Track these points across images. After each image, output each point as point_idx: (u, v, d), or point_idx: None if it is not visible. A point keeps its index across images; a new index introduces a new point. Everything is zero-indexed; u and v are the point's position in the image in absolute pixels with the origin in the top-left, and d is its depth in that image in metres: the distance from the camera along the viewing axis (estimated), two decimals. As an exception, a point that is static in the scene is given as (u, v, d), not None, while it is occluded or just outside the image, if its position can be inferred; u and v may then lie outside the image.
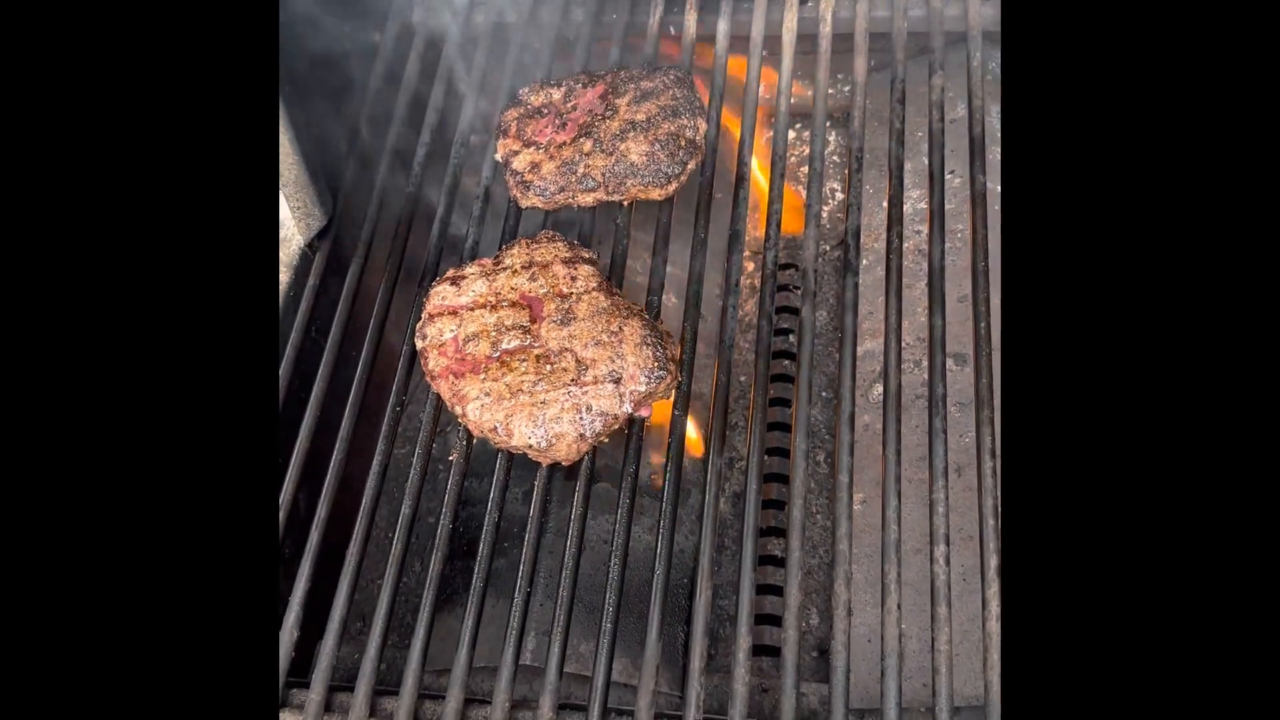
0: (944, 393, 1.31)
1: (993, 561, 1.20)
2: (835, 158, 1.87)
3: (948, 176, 1.57)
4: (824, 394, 1.66)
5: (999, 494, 1.23)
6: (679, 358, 1.34)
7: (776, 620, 1.43)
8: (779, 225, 1.46)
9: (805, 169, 1.85)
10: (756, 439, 1.31)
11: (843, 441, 1.30)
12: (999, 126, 1.64)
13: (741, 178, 1.50)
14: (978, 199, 1.44)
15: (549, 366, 1.30)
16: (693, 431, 1.51)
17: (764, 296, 1.41)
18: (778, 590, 1.43)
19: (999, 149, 1.63)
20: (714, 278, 1.64)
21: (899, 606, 1.19)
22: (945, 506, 1.24)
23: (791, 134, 1.87)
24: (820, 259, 1.69)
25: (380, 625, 1.25)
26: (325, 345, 1.48)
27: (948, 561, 1.21)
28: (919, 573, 1.36)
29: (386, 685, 1.27)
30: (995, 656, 1.15)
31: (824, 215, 1.86)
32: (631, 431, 1.33)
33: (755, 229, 1.74)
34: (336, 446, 1.38)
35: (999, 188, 1.60)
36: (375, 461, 1.37)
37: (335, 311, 1.50)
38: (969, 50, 1.55)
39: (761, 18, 1.62)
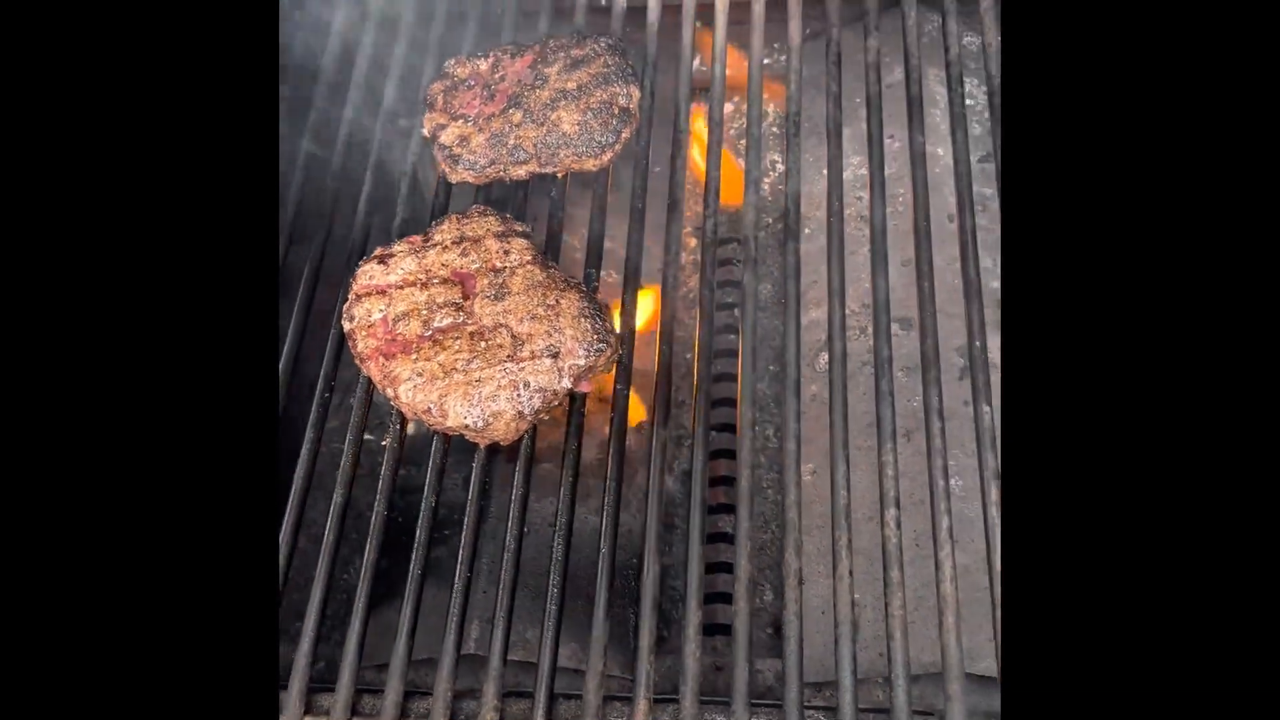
0: (889, 356, 1.28)
1: (944, 523, 1.17)
2: (775, 129, 1.84)
3: (887, 140, 1.54)
4: (771, 368, 1.62)
5: (947, 455, 1.21)
6: (618, 330, 1.30)
7: (729, 599, 1.39)
8: (718, 194, 1.43)
9: (744, 141, 1.82)
10: (702, 412, 1.27)
11: (790, 409, 1.27)
12: (936, 88, 1.63)
13: (678, 146, 1.46)
14: (917, 161, 1.41)
15: (483, 343, 1.24)
16: (636, 407, 1.47)
17: (705, 267, 1.38)
18: (729, 568, 1.39)
19: (937, 111, 1.61)
20: (654, 251, 1.60)
21: (851, 573, 1.16)
22: (894, 470, 1.21)
23: (729, 106, 1.84)
24: (763, 229, 1.66)
25: (314, 617, 1.20)
26: (249, 333, 1.41)
27: (899, 525, 1.18)
28: (871, 541, 1.33)
29: (325, 684, 1.21)
30: (951, 619, 1.12)
31: (765, 186, 1.83)
32: (572, 409, 1.28)
33: (696, 203, 1.71)
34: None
35: (939, 150, 1.58)
36: (304, 451, 1.31)
37: (259, 297, 1.43)
38: (904, 11, 1.52)
39: (693, -16, 1.58)
